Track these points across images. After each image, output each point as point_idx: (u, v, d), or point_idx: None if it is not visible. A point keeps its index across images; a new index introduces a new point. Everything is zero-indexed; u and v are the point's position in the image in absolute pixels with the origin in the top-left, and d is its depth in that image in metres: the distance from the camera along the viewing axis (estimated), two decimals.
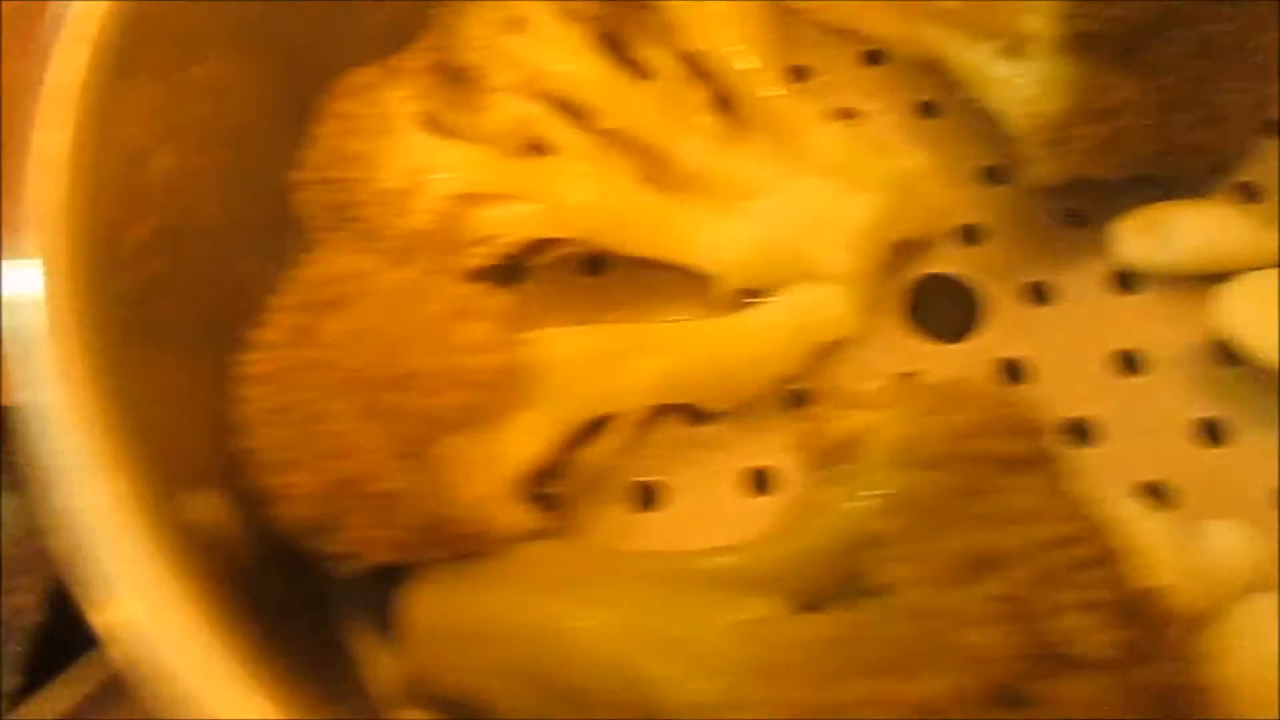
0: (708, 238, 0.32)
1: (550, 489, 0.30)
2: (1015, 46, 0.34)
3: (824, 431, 0.26)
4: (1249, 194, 0.34)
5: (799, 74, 0.38)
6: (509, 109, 0.31)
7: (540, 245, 0.33)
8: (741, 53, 0.32)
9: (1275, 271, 0.31)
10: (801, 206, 0.31)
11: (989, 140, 0.35)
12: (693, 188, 0.33)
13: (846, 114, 0.37)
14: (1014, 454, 0.21)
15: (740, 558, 0.22)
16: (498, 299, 0.25)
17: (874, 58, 0.38)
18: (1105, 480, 0.29)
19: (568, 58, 0.32)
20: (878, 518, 0.21)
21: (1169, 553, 0.27)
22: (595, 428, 0.29)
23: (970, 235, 0.34)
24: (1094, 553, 0.20)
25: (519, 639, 0.24)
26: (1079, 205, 0.34)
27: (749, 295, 0.32)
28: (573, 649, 0.23)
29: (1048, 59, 0.33)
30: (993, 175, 0.35)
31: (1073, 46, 0.32)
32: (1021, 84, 0.34)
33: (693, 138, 0.32)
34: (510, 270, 0.34)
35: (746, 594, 0.21)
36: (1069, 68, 0.32)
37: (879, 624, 0.20)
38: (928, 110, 0.37)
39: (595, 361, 0.28)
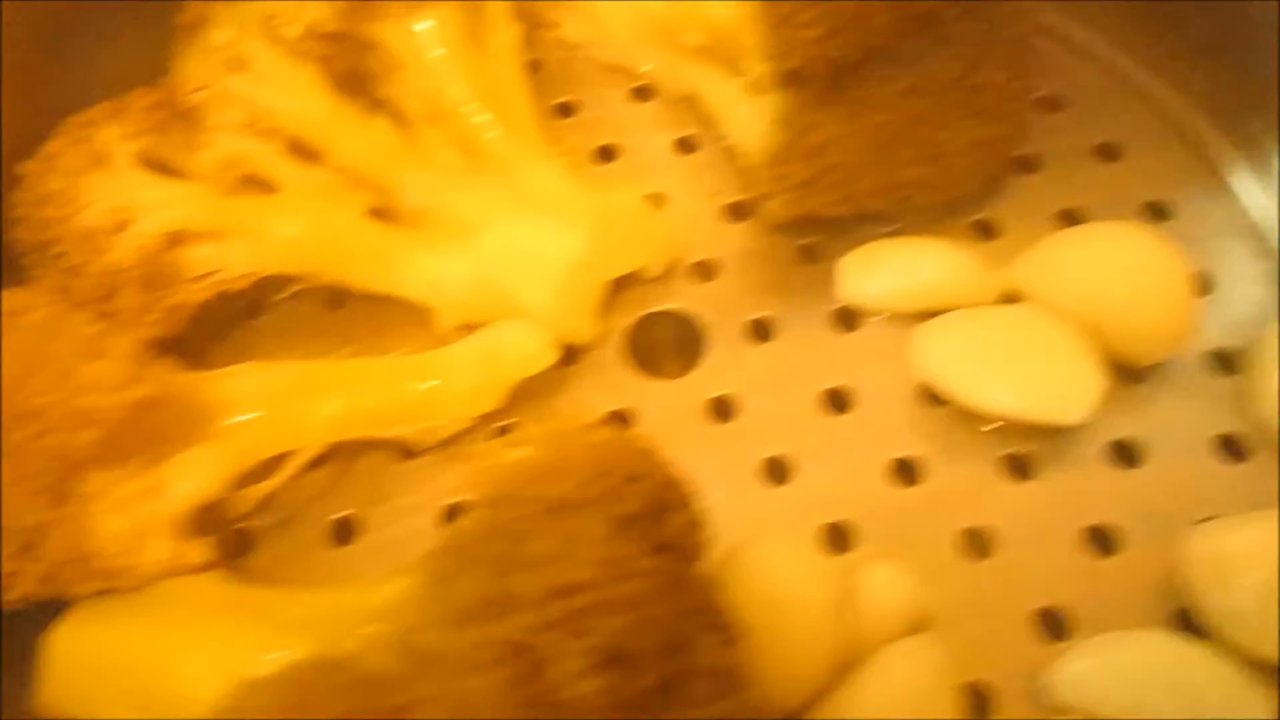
0: (427, 273, 0.32)
1: (243, 523, 0.30)
2: (756, 84, 0.34)
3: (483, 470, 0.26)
4: (985, 231, 0.34)
5: (567, 109, 0.38)
6: (226, 147, 0.32)
7: (274, 281, 0.33)
8: (462, 93, 0.32)
9: (973, 312, 0.31)
10: (513, 244, 0.32)
11: (738, 176, 0.35)
12: (418, 223, 0.33)
13: (608, 149, 0.37)
14: (568, 499, 0.21)
15: (307, 600, 0.23)
16: (125, 339, 0.25)
17: (642, 94, 0.39)
18: (795, 518, 0.29)
19: (291, 96, 0.32)
20: (436, 557, 0.21)
21: (819, 593, 0.27)
22: (277, 463, 0.29)
23: (705, 271, 0.34)
24: (601, 600, 0.19)
25: (138, 672, 0.24)
26: (815, 242, 0.34)
27: (471, 330, 0.32)
28: (172, 684, 0.23)
29: (770, 97, 0.33)
30: (736, 211, 0.35)
31: (784, 84, 0.32)
32: (754, 121, 0.34)
33: (419, 174, 0.33)
34: (250, 305, 0.34)
35: (289, 635, 0.21)
36: (784, 105, 0.32)
37: (391, 667, 0.20)
38: (685, 146, 0.37)
39: (273, 399, 0.29)
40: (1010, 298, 0.32)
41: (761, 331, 0.33)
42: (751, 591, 0.27)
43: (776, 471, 0.30)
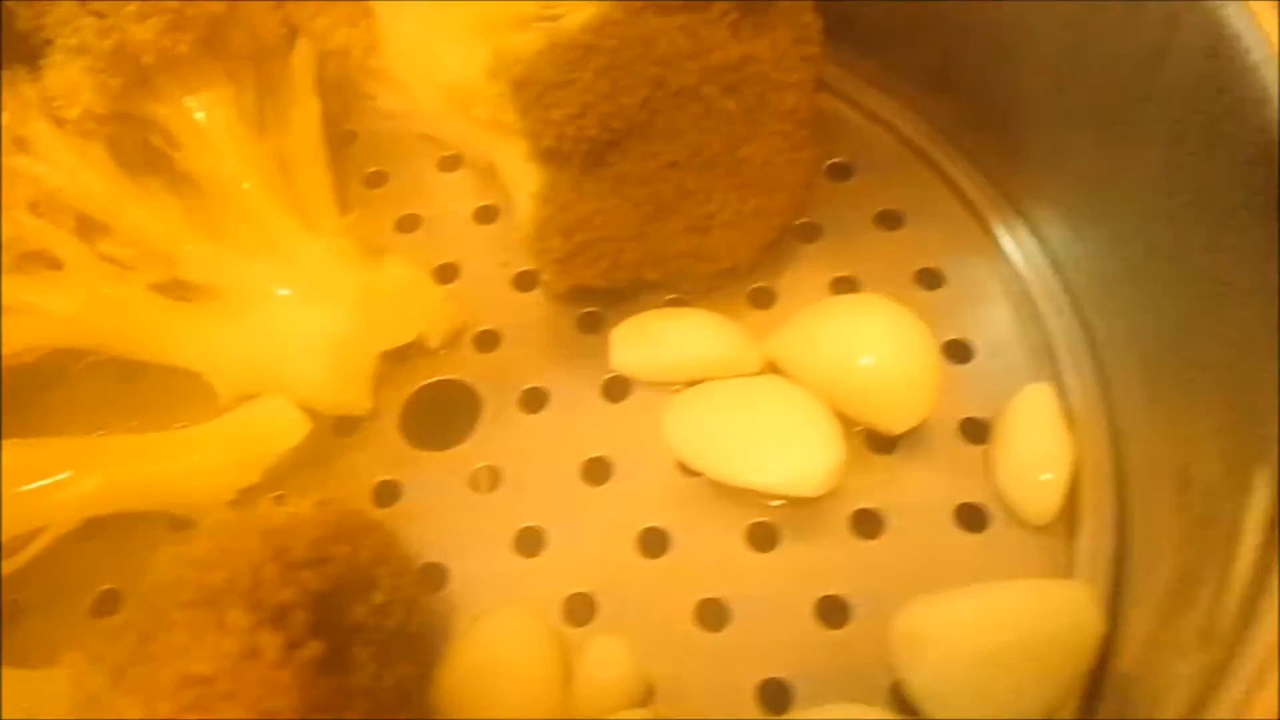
0: (206, 347, 0.33)
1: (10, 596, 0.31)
2: (528, 159, 0.35)
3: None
4: (763, 300, 0.35)
5: (378, 179, 0.39)
6: (9, 224, 0.33)
7: (67, 354, 0.34)
8: (239, 170, 0.33)
9: (723, 384, 0.31)
10: (283, 319, 0.32)
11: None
12: (201, 298, 0.34)
13: (411, 219, 0.38)
14: (210, 590, 0.22)
15: None
16: None
17: (449, 164, 0.39)
18: (542, 589, 0.30)
19: (75, 174, 0.33)
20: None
21: (544, 666, 0.27)
22: (30, 539, 0.30)
23: (489, 341, 0.35)
24: (222, 694, 0.20)
25: None
26: (595, 311, 0.35)
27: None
28: None
29: (537, 172, 0.33)
30: (524, 281, 0.36)
31: (544, 161, 0.32)
32: (528, 194, 0.34)
33: (202, 248, 0.33)
34: (43, 377, 0.35)
35: None
36: (545, 181, 0.33)
37: None
38: (483, 216, 0.38)
39: (26, 475, 0.29)
40: (774, 368, 0.32)
41: (535, 401, 0.33)
42: (479, 663, 0.27)
43: (530, 542, 0.31)
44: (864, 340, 0.30)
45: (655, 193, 0.33)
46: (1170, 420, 0.28)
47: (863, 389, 0.30)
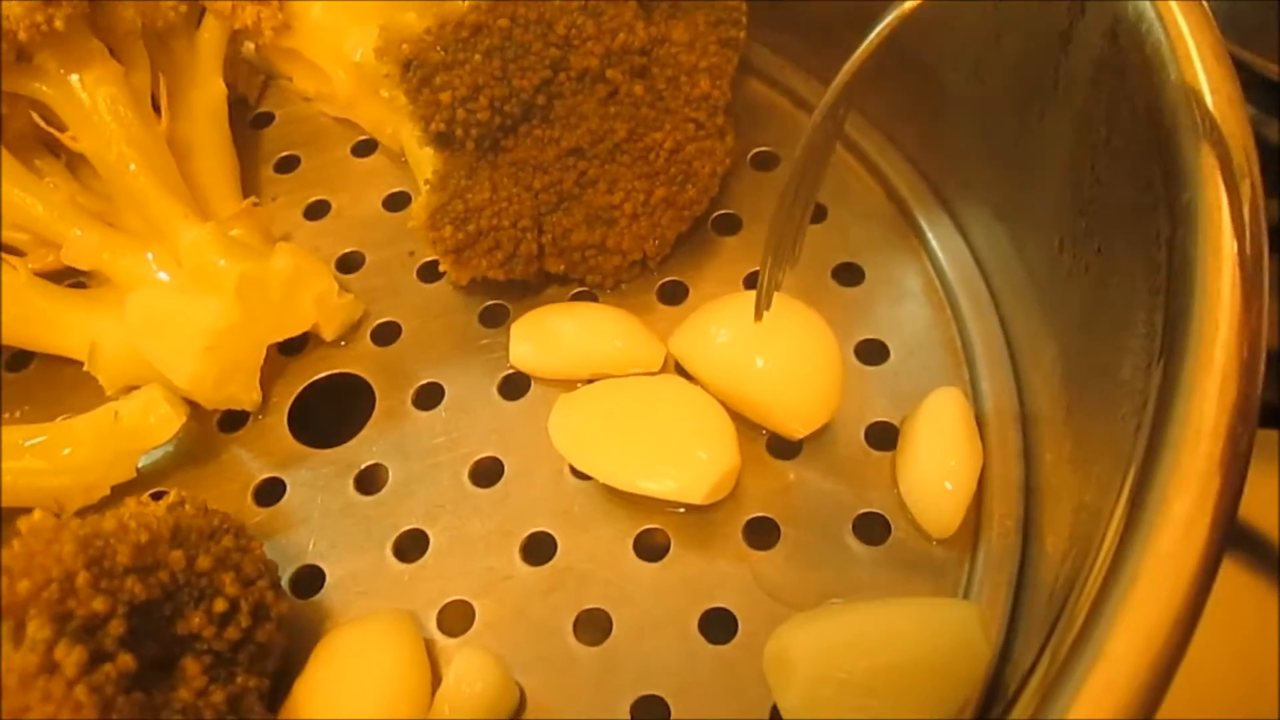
0: (87, 336, 0.32)
1: None
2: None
3: None
4: (675, 294, 0.33)
5: (290, 163, 0.38)
6: None
7: None
8: (126, 154, 0.32)
9: (614, 383, 0.30)
10: (163, 307, 0.31)
11: None
12: (89, 284, 0.33)
13: (321, 204, 0.37)
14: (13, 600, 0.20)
15: None
16: None
17: (363, 149, 0.38)
18: (421, 596, 0.28)
19: None
20: None
21: (410, 677, 0.26)
22: None
23: (387, 334, 0.33)
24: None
25: None
26: (498, 304, 0.34)
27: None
28: None
29: (431, 159, 0.32)
30: (428, 272, 0.34)
31: (436, 147, 0.31)
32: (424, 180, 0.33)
33: (89, 235, 0.32)
34: None
35: None
36: (438, 168, 0.31)
37: None
38: (392, 203, 0.36)
39: None
40: (678, 367, 0.31)
41: (430, 398, 0.32)
42: (337, 674, 0.26)
43: (411, 546, 0.29)
44: (763, 341, 0.29)
45: (555, 181, 0.31)
46: (1080, 430, 0.26)
47: (762, 391, 0.29)
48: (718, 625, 0.27)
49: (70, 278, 0.34)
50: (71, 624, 0.20)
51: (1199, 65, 0.21)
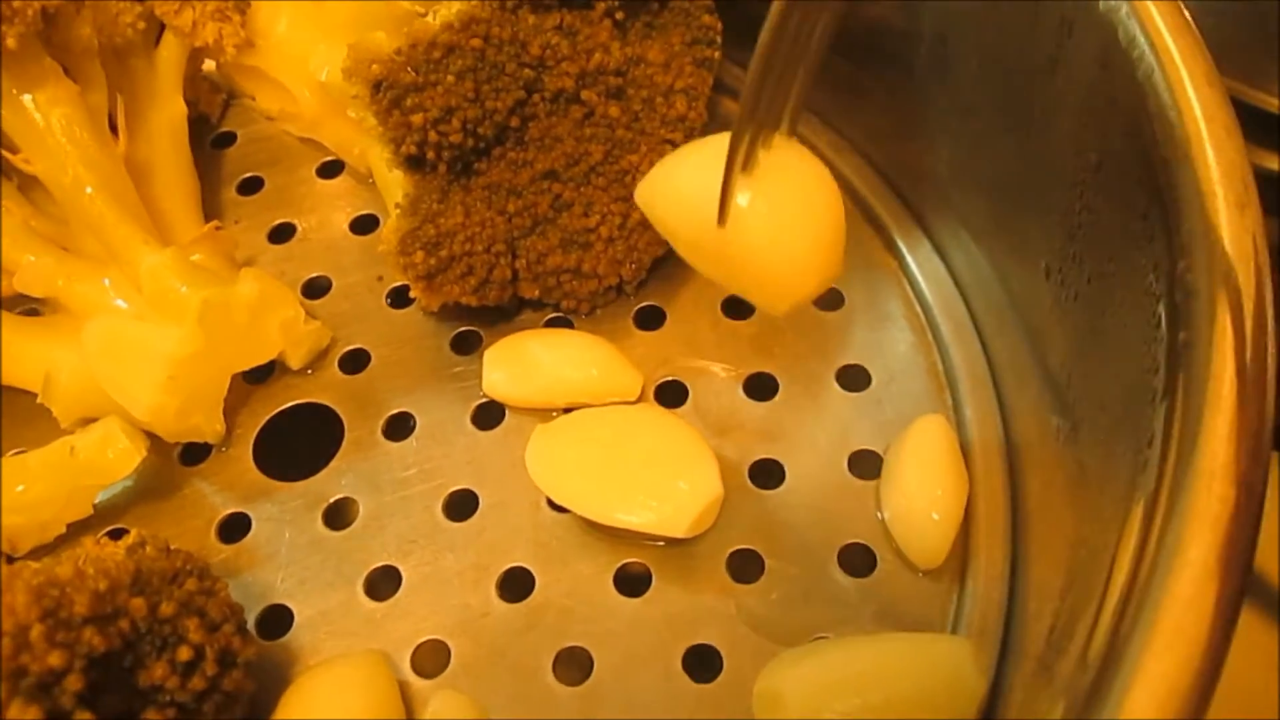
0: (40, 366, 0.30)
1: None
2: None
3: None
4: (652, 320, 0.32)
5: (254, 184, 0.37)
6: None
7: None
8: (82, 176, 0.30)
9: (593, 413, 0.29)
10: (121, 336, 0.30)
11: None
12: (47, 311, 0.32)
13: (286, 227, 0.36)
14: None
15: None
16: None
17: (330, 169, 0.37)
18: (393, 635, 0.27)
19: None
20: None
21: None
22: None
23: (356, 362, 0.32)
24: None
25: None
26: (470, 330, 0.33)
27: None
28: None
29: (401, 182, 0.31)
30: (398, 297, 0.33)
31: (407, 170, 0.30)
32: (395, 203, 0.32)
33: (44, 260, 0.31)
34: None
35: None
36: (410, 192, 0.30)
37: None
38: (359, 226, 0.35)
39: None
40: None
41: (400, 428, 0.31)
42: (313, 717, 0.25)
43: (383, 584, 0.28)
44: (749, 178, 0.23)
45: (529, 204, 0.31)
46: (1072, 460, 0.25)
47: (743, 238, 0.23)
48: (702, 662, 0.26)
49: (23, 305, 0.32)
50: (25, 681, 0.19)
51: (1192, 93, 0.20)
